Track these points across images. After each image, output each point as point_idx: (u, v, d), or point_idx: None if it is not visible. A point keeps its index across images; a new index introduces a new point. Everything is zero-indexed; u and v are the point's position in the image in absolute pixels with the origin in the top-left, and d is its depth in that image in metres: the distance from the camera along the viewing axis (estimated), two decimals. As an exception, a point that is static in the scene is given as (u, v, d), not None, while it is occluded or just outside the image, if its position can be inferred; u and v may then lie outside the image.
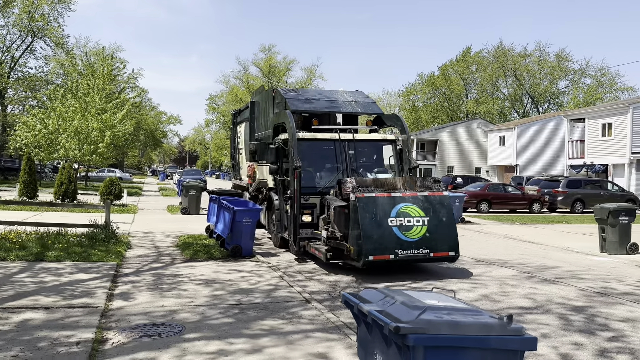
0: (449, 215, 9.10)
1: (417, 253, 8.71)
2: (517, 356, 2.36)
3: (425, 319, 2.32)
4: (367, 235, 8.48)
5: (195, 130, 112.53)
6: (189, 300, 7.27)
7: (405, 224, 8.71)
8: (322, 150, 11.52)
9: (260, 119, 14.28)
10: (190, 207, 20.77)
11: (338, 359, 5.16)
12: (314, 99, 12.53)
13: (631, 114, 31.58)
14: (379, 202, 8.75)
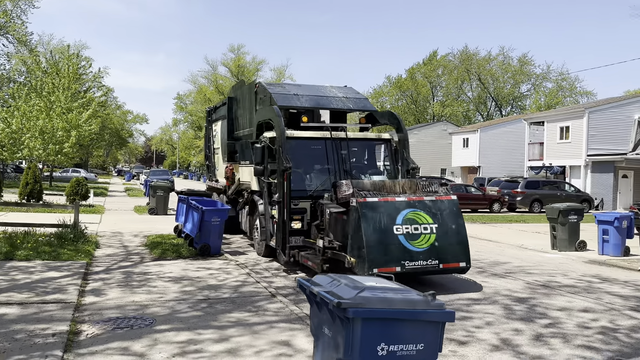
0: (458, 222, 8.23)
1: (426, 265, 7.81)
2: (439, 326, 2.86)
3: (363, 295, 2.80)
4: (371, 245, 7.59)
5: (162, 129, 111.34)
6: (159, 296, 7.60)
7: (412, 232, 7.84)
8: (313, 150, 10.60)
9: (240, 116, 13.33)
10: (158, 208, 20.88)
11: (299, 345, 5.61)
12: (302, 94, 11.48)
13: (587, 118, 32.99)
14: (383, 207, 7.89)
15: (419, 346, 2.80)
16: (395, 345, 2.76)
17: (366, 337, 2.72)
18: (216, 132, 15.73)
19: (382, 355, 2.75)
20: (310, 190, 10.06)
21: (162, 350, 5.34)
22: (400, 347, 2.77)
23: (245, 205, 12.51)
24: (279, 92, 11.34)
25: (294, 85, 12.29)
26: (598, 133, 32.83)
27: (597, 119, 33.04)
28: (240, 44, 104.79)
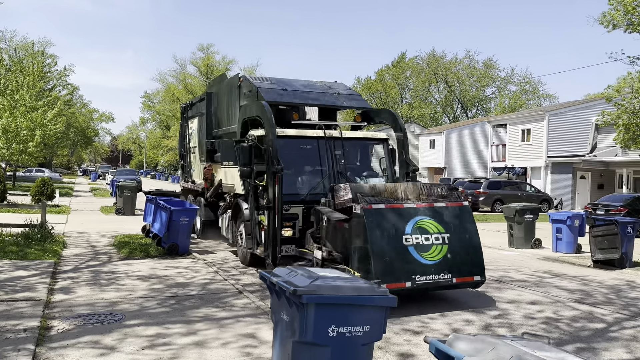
0: (471, 231, 7.50)
1: (438, 279, 7.04)
2: (383, 310, 3.23)
3: (316, 284, 3.14)
4: (379, 257, 6.82)
5: (129, 128, 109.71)
6: (127, 293, 7.80)
7: (422, 243, 7.08)
8: (304, 150, 9.84)
9: (221, 113, 12.51)
10: (125, 208, 20.84)
11: (265, 337, 5.92)
12: (291, 89, 10.71)
13: (547, 121, 34.18)
14: (390, 215, 7.15)
15: (365, 328, 3.17)
16: (344, 327, 3.12)
17: (318, 320, 3.07)
18: (192, 130, 14.91)
19: (333, 336, 3.11)
20: (302, 194, 9.33)
21: (131, 344, 5.59)
22: (348, 328, 3.13)
23: (228, 209, 11.48)
24: (266, 86, 10.49)
25: (281, 80, 11.28)
26: (557, 135, 34.05)
27: (556, 121, 34.26)
28: (210, 43, 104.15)
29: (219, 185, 11.89)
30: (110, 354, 5.28)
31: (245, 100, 10.68)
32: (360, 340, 3.16)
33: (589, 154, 32.64)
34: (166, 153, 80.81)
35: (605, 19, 18.44)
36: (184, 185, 15.82)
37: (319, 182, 9.52)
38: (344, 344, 3.11)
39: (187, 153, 15.69)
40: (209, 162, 12.78)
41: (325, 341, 3.09)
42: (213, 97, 13.04)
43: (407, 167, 9.97)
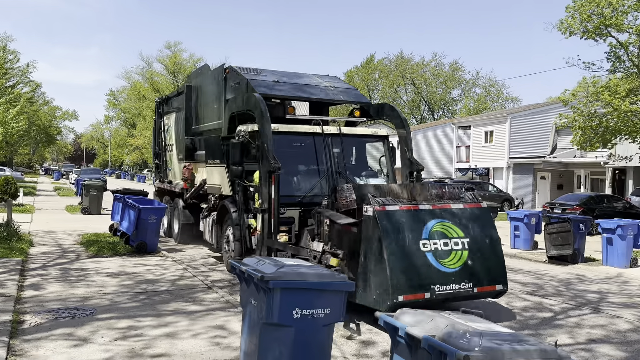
0: (492, 235, 6.89)
1: (459, 289, 6.40)
2: (342, 295, 3.57)
3: (282, 271, 3.45)
4: (394, 265, 6.14)
5: (93, 126, 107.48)
6: (98, 289, 7.94)
7: (441, 249, 6.45)
8: (301, 147, 9.14)
9: (203, 107, 11.60)
10: (91, 207, 20.68)
11: (234, 328, 6.19)
12: (284, 81, 10.04)
13: (509, 123, 35.25)
14: (405, 218, 6.48)
15: (326, 310, 3.49)
16: (307, 309, 3.43)
17: (284, 303, 3.37)
18: (169, 126, 14.11)
19: (297, 318, 3.41)
20: (298, 195, 8.59)
21: (104, 336, 5.77)
22: (311, 311, 3.44)
23: (211, 211, 10.62)
24: (256, 78, 9.74)
25: (270, 71, 10.53)
26: (519, 137, 35.14)
27: (518, 124, 35.37)
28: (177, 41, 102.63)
29: (200, 186, 11.08)
30: (83, 345, 5.47)
31: (233, 93, 9.90)
32: (321, 322, 3.48)
33: (549, 156, 33.81)
34: (131, 152, 79.62)
35: (563, 25, 19.28)
36: (159, 185, 15.01)
37: (316, 182, 8.78)
38: (306, 325, 3.43)
39: (162, 151, 14.83)
40: (188, 161, 12.07)
41: (290, 322, 3.40)
42: (193, 90, 12.19)
43: (411, 166, 9.28)
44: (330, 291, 3.50)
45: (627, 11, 17.98)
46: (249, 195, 8.73)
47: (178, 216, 13.02)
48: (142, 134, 68.52)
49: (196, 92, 12.09)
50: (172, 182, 13.77)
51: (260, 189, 8.11)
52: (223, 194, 9.87)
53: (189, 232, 12.63)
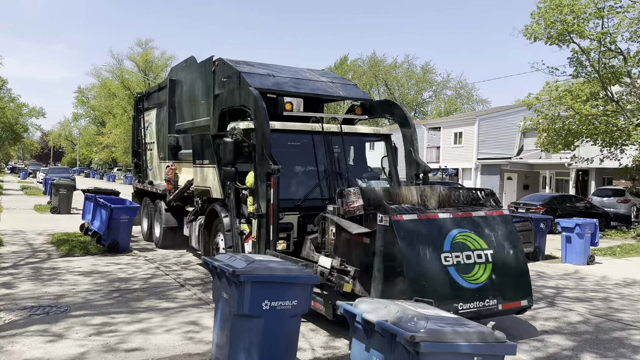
0: (516, 245, 6.37)
1: (483, 306, 5.87)
2: (308, 288, 3.84)
3: (252, 266, 3.71)
4: (415, 281, 5.57)
5: (61, 124, 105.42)
6: (71, 287, 8.03)
7: (464, 262, 5.90)
8: (300, 147, 8.49)
9: (188, 103, 10.79)
10: (61, 206, 20.49)
11: (206, 323, 6.40)
12: (279, 75, 9.28)
13: (477, 125, 36.09)
14: (425, 228, 5.92)
15: (293, 302, 3.75)
16: (275, 301, 3.69)
17: (254, 296, 3.62)
18: (150, 123, 13.26)
19: (266, 309, 3.67)
20: (297, 199, 7.89)
21: (79, 331, 5.92)
22: (279, 302, 3.70)
23: (198, 216, 9.95)
24: (250, 71, 8.95)
25: (263, 65, 9.82)
26: (487, 139, 36.01)
27: (486, 126, 36.24)
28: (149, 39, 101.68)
29: (185, 188, 10.38)
30: (59, 340, 5.61)
31: (223, 88, 9.17)
32: (288, 313, 3.74)
33: (516, 157, 34.74)
34: (101, 151, 78.42)
35: (528, 31, 19.93)
36: (139, 186, 14.03)
37: (316, 185, 8.14)
38: (275, 316, 3.68)
39: (142, 150, 13.93)
40: (171, 160, 11.35)
41: (260, 313, 3.65)
42: (177, 84, 11.39)
43: (417, 168, 8.70)
44: (297, 284, 3.76)
45: (589, 18, 18.71)
46: (241, 198, 8.03)
47: (160, 219, 12.21)
48: (112, 132, 67.62)
49: (180, 86, 11.28)
50: (153, 183, 12.94)
51: (256, 192, 7.38)
52: (214, 197, 9.08)
53: (171, 237, 11.95)
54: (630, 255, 14.18)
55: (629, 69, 18.87)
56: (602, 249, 14.70)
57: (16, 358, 5.08)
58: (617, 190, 23.77)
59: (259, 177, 7.30)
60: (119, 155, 68.00)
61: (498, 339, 2.78)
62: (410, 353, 2.58)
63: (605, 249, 14.92)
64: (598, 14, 18.38)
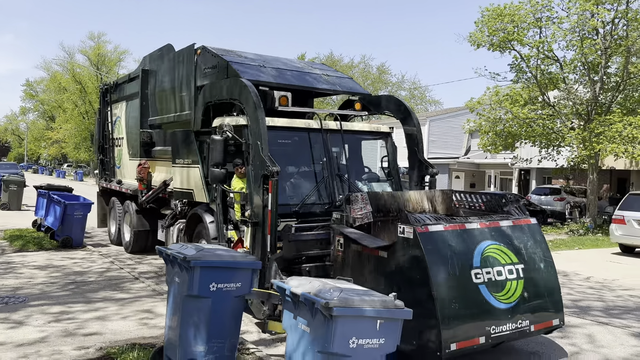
0: (547, 258, 5.79)
1: (515, 328, 5.27)
2: (250, 272, 4.42)
3: (201, 252, 4.26)
4: (445, 304, 4.89)
5: (7, 118, 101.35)
6: (27, 280, 8.33)
7: (495, 279, 5.27)
8: (294, 145, 7.79)
9: (164, 95, 9.94)
10: (10, 203, 20.25)
11: (160, 311, 6.87)
12: (271, 66, 8.50)
13: (428, 126, 37.39)
14: (453, 240, 5.26)
15: (237, 284, 4.32)
16: (221, 284, 4.25)
17: (203, 279, 4.16)
18: (118, 117, 12.38)
19: (213, 291, 4.22)
20: (294, 204, 7.11)
21: (38, 319, 6.31)
22: (225, 285, 4.26)
23: (177, 220, 9.26)
24: (239, 61, 8.16)
25: (252, 54, 8.98)
26: (437, 139, 37.41)
27: (436, 126, 37.65)
28: (101, 32, 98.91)
29: (161, 189, 9.58)
30: (19, 327, 5.99)
31: (207, 79, 8.36)
32: (233, 294, 4.30)
33: (463, 156, 36.24)
34: (50, 146, 76.28)
35: (472, 39, 21.06)
36: (105, 185, 12.96)
37: (314, 188, 7.38)
38: (221, 296, 4.23)
39: (109, 146, 12.95)
40: (144, 158, 10.44)
41: (207, 294, 4.20)
42: (151, 75, 10.51)
43: (423, 169, 8.11)
44: (240, 269, 4.33)
45: (528, 27, 19.97)
46: (228, 202, 7.22)
47: (130, 222, 11.38)
48: (62, 127, 65.91)
49: (155, 77, 10.35)
50: (122, 182, 11.92)
51: (250, 196, 6.68)
52: (197, 201, 8.22)
53: (143, 241, 11.17)
54: (559, 249, 15.35)
55: (565, 75, 20.27)
56: (534, 244, 15.86)
57: (-21, 343, 5.45)
58: (554, 189, 25.32)
59: (253, 180, 6.57)
60: (69, 151, 66.34)
61: (397, 306, 3.44)
62: (326, 317, 3.21)
63: (537, 243, 16.10)
64: (536, 24, 19.67)
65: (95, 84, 60.72)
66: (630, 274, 11.28)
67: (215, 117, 7.83)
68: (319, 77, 8.89)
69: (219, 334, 4.25)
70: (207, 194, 7.75)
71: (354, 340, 3.24)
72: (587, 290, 9.48)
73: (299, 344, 3.47)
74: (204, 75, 8.44)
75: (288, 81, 8.23)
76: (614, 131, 17.44)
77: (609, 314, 7.81)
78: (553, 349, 6.14)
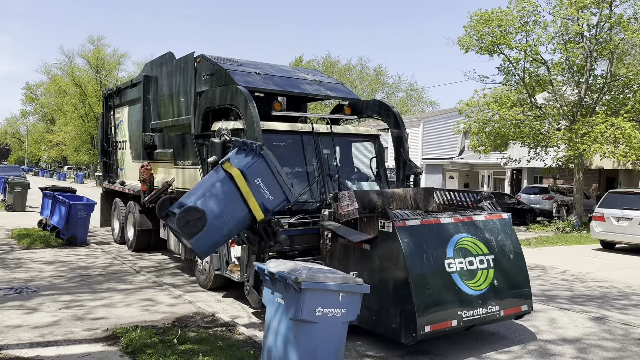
0: (516, 249, 6.38)
1: (486, 313, 5.86)
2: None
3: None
4: (420, 290, 5.48)
5: (7, 121, 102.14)
6: (37, 274, 8.99)
7: (466, 268, 5.87)
8: (288, 147, 8.31)
9: (166, 101, 10.57)
10: (16, 204, 20.92)
11: (161, 300, 7.55)
12: (266, 73, 9.08)
13: (422, 127, 38.12)
14: (428, 234, 5.85)
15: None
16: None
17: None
18: (121, 121, 12.96)
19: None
20: None
21: (50, 306, 6.97)
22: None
23: None
24: (236, 69, 8.75)
25: (248, 62, 9.58)
26: (431, 140, 38.10)
27: (430, 127, 38.33)
28: (101, 36, 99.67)
29: (164, 189, 10.00)
30: (34, 312, 6.66)
31: (206, 86, 8.96)
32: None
33: (457, 157, 36.92)
34: (50, 149, 76.97)
35: (461, 42, 21.74)
36: (109, 187, 13.58)
37: (306, 187, 7.91)
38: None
39: (113, 148, 13.57)
40: (146, 160, 10.98)
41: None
42: (152, 81, 11.15)
43: (408, 169, 8.71)
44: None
45: (515, 32, 20.65)
46: None
47: (133, 221, 11.91)
48: (63, 130, 66.62)
49: (156, 83, 11.01)
50: (125, 183, 12.46)
51: None
52: None
53: (146, 240, 11.74)
54: (543, 245, 16.02)
55: (553, 77, 20.93)
56: (520, 240, 16.51)
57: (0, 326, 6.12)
58: (543, 188, 25.99)
59: None
60: (69, 153, 67.03)
61: (357, 282, 4.10)
62: (296, 290, 3.86)
63: (522, 240, 16.73)
64: (523, 28, 20.34)
65: (94, 87, 61.43)
66: (605, 267, 11.94)
67: (214, 121, 8.48)
68: (311, 82, 9.43)
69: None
70: None
71: (320, 309, 3.90)
72: (559, 282, 10.13)
73: (276, 314, 4.12)
74: (203, 82, 9.00)
75: (282, 87, 8.78)
76: (597, 132, 18.12)
77: (573, 301, 8.48)
78: (518, 330, 6.82)
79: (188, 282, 9.03)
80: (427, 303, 5.44)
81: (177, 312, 6.99)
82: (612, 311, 7.90)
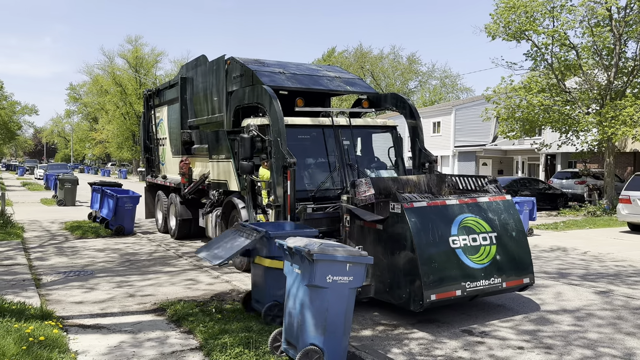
0: (518, 228, 6.96)
1: (489, 284, 6.47)
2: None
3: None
4: (426, 264, 6.12)
5: (53, 121, 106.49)
6: (90, 260, 10.05)
7: (470, 244, 6.50)
8: (312, 140, 9.07)
9: (200, 100, 11.41)
10: (66, 199, 22.41)
11: (203, 279, 8.45)
12: (290, 72, 9.88)
13: (454, 115, 38.20)
14: (434, 214, 6.48)
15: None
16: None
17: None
18: (161, 120, 13.87)
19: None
20: (310, 190, 8.50)
21: (105, 286, 7.96)
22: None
23: (215, 207, 10.54)
24: (262, 69, 9.52)
25: (274, 62, 10.41)
26: (463, 127, 38.13)
27: (462, 115, 38.35)
28: (138, 35, 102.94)
29: (201, 181, 10.82)
30: (93, 290, 7.65)
31: (235, 86, 9.72)
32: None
33: (491, 143, 36.88)
34: (94, 146, 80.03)
35: (488, 30, 21.94)
36: (152, 181, 14.61)
37: (328, 176, 8.71)
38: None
39: (155, 145, 14.51)
40: (185, 155, 11.83)
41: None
42: (188, 82, 12.00)
43: (423, 158, 9.35)
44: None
45: (543, 17, 20.71)
46: (256, 190, 8.68)
47: (175, 212, 12.85)
48: (105, 128, 69.23)
49: (191, 84, 11.91)
50: (166, 177, 13.46)
51: (273, 184, 8.01)
52: (230, 190, 9.68)
53: (187, 228, 12.59)
54: (570, 229, 16.25)
55: (583, 61, 20.90)
56: (547, 224, 16.80)
57: (65, 301, 7.09)
58: (575, 172, 25.92)
59: (275, 171, 7.91)
60: (112, 150, 69.63)
61: (361, 254, 4.80)
62: (310, 261, 4.59)
63: (550, 224, 17.02)
64: (550, 14, 20.41)
65: (134, 86, 63.50)
66: (627, 248, 12.20)
67: (244, 118, 9.32)
68: (332, 79, 10.15)
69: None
70: (238, 184, 9.17)
71: (330, 277, 4.62)
72: (576, 262, 10.55)
73: (294, 282, 4.88)
74: (233, 82, 9.80)
75: (304, 84, 9.57)
76: (625, 115, 18.14)
77: (585, 278, 8.95)
78: (523, 303, 7.38)
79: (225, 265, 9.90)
80: (432, 275, 6.10)
81: (215, 289, 7.86)
82: (620, 286, 8.35)
